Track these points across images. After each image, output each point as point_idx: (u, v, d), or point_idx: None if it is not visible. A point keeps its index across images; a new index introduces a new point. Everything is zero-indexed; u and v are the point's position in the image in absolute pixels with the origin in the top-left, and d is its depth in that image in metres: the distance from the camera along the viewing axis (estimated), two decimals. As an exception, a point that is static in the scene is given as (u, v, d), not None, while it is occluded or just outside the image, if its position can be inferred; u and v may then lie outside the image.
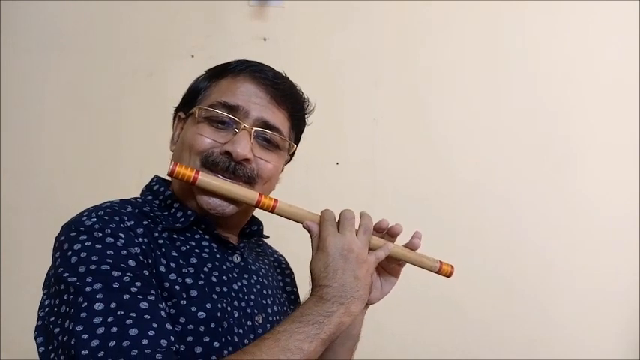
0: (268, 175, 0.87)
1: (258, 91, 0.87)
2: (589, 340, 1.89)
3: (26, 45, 1.82)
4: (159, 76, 1.82)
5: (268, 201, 0.84)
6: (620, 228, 1.93)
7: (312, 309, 0.75)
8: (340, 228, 0.83)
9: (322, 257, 0.80)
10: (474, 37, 1.96)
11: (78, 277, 0.70)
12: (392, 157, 1.91)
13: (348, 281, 0.78)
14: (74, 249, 0.72)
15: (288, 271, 1.09)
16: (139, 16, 1.86)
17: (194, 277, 0.79)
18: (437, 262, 0.94)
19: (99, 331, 0.65)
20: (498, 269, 1.89)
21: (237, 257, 0.88)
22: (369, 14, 1.92)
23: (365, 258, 0.82)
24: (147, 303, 0.70)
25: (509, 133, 1.95)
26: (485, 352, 1.83)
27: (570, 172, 1.95)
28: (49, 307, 0.72)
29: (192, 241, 0.84)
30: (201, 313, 0.75)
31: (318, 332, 0.73)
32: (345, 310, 0.77)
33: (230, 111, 0.85)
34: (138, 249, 0.75)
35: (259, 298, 0.88)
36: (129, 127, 1.81)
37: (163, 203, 0.88)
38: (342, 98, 1.86)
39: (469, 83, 1.95)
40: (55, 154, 1.81)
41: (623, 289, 1.92)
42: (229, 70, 0.90)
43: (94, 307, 0.67)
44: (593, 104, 1.96)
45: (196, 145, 0.84)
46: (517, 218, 1.93)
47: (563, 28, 1.98)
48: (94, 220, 0.75)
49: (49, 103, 1.82)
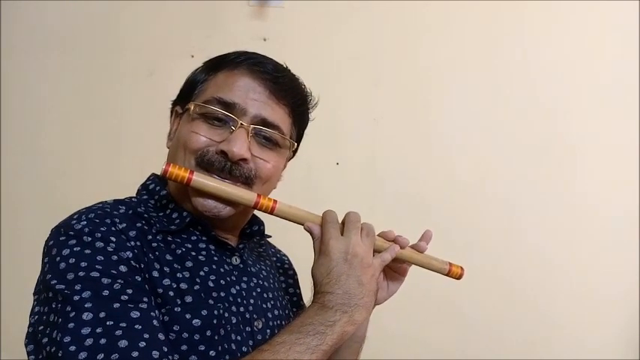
0: (267, 175, 0.83)
1: (257, 85, 0.81)
2: (589, 340, 1.89)
3: (26, 45, 1.82)
4: (159, 76, 1.82)
5: (267, 202, 0.80)
6: (620, 228, 1.93)
7: (314, 318, 0.71)
8: (345, 231, 0.79)
9: (325, 262, 0.76)
10: (473, 37, 1.95)
11: (66, 284, 0.66)
12: (392, 157, 1.91)
13: (352, 288, 0.74)
14: (63, 255, 0.68)
15: (292, 271, 1.05)
16: (139, 16, 1.86)
17: (189, 282, 0.74)
18: (446, 263, 0.89)
19: (87, 343, 0.62)
20: (498, 269, 1.88)
21: (236, 259, 0.84)
22: (369, 14, 1.92)
23: (370, 262, 0.78)
24: (138, 312, 0.66)
25: (509, 132, 1.94)
26: (486, 352, 1.83)
27: (570, 173, 1.94)
28: (39, 314, 0.69)
29: (189, 243, 0.80)
30: (197, 321, 0.71)
31: (319, 344, 0.69)
32: (349, 319, 0.73)
33: (226, 108, 0.80)
34: (130, 253, 0.71)
35: (259, 302, 0.84)
36: (129, 127, 1.81)
37: (159, 203, 0.83)
38: (342, 98, 1.85)
39: (469, 83, 1.94)
40: (55, 154, 1.81)
41: (623, 289, 1.92)
42: (227, 62, 0.84)
43: (83, 317, 0.64)
44: (592, 104, 1.95)
45: (191, 143, 0.79)
46: (517, 218, 1.92)
47: (563, 28, 1.97)
48: (83, 223, 0.71)
49: (49, 103, 1.82)
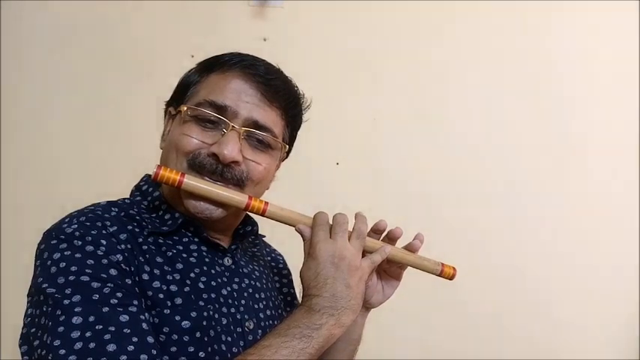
0: (259, 178, 0.83)
1: (248, 88, 0.82)
2: (589, 339, 1.89)
3: (26, 45, 1.82)
4: (159, 76, 1.81)
5: (258, 204, 0.80)
6: (621, 228, 1.93)
7: (300, 321, 0.72)
8: (332, 233, 0.79)
9: (312, 265, 0.77)
10: (474, 36, 1.95)
11: (57, 288, 0.67)
12: (392, 157, 1.91)
13: (339, 291, 0.74)
14: (53, 258, 0.69)
15: (286, 271, 1.05)
16: (139, 16, 1.86)
17: (179, 285, 0.75)
18: (439, 264, 0.90)
19: (76, 347, 0.63)
20: (498, 269, 1.88)
21: (228, 260, 0.85)
22: (369, 14, 1.92)
23: (358, 265, 0.78)
24: (127, 315, 0.67)
25: (509, 132, 1.94)
26: (486, 352, 1.83)
27: (572, 172, 1.94)
28: (31, 317, 0.70)
29: (180, 245, 0.80)
30: (186, 323, 0.72)
31: (305, 347, 0.70)
32: (336, 321, 0.73)
33: (218, 111, 0.80)
34: (120, 256, 0.72)
35: (250, 303, 0.84)
36: (128, 127, 1.81)
37: (152, 204, 0.84)
38: (341, 98, 1.86)
39: (469, 82, 1.94)
40: (55, 154, 1.81)
41: (624, 288, 1.92)
42: (220, 64, 0.85)
43: (72, 321, 0.65)
44: (594, 102, 1.96)
45: (182, 145, 0.80)
46: (517, 218, 1.92)
47: (564, 27, 1.97)
48: (74, 227, 0.72)
49: (49, 103, 1.82)
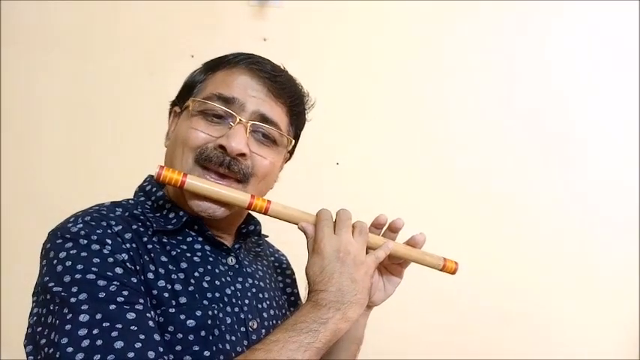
0: (264, 173, 0.83)
1: (255, 83, 0.83)
2: (589, 340, 1.89)
3: (26, 45, 1.82)
4: (159, 76, 1.82)
5: (261, 202, 0.80)
6: (621, 228, 1.93)
7: (307, 316, 0.72)
8: (336, 229, 0.79)
9: (318, 261, 0.77)
10: (475, 35, 1.95)
11: (63, 287, 0.67)
12: (392, 157, 1.91)
13: (344, 285, 0.75)
14: (59, 257, 0.70)
15: (289, 271, 1.05)
16: (139, 16, 1.86)
17: (184, 284, 0.76)
18: (441, 259, 0.90)
19: (83, 344, 0.63)
20: (499, 269, 1.88)
21: (232, 260, 0.85)
22: (369, 14, 1.92)
23: (363, 259, 0.78)
24: (134, 313, 0.67)
25: (509, 132, 1.94)
26: (486, 352, 1.83)
27: (571, 172, 1.94)
28: (37, 316, 0.70)
29: (184, 244, 0.81)
30: (191, 322, 0.73)
31: (312, 341, 0.70)
32: (342, 316, 0.74)
33: (225, 104, 0.81)
34: (125, 255, 0.72)
35: (254, 303, 0.85)
36: (129, 127, 1.81)
37: (156, 204, 0.84)
38: (342, 98, 1.86)
39: (470, 82, 1.94)
40: (55, 154, 1.81)
41: (624, 288, 1.92)
42: (225, 62, 0.86)
43: (79, 319, 0.65)
44: (594, 102, 1.96)
45: (190, 140, 0.80)
46: (517, 218, 1.92)
47: (564, 27, 1.97)
48: (80, 226, 0.72)
49: (49, 103, 1.82)
